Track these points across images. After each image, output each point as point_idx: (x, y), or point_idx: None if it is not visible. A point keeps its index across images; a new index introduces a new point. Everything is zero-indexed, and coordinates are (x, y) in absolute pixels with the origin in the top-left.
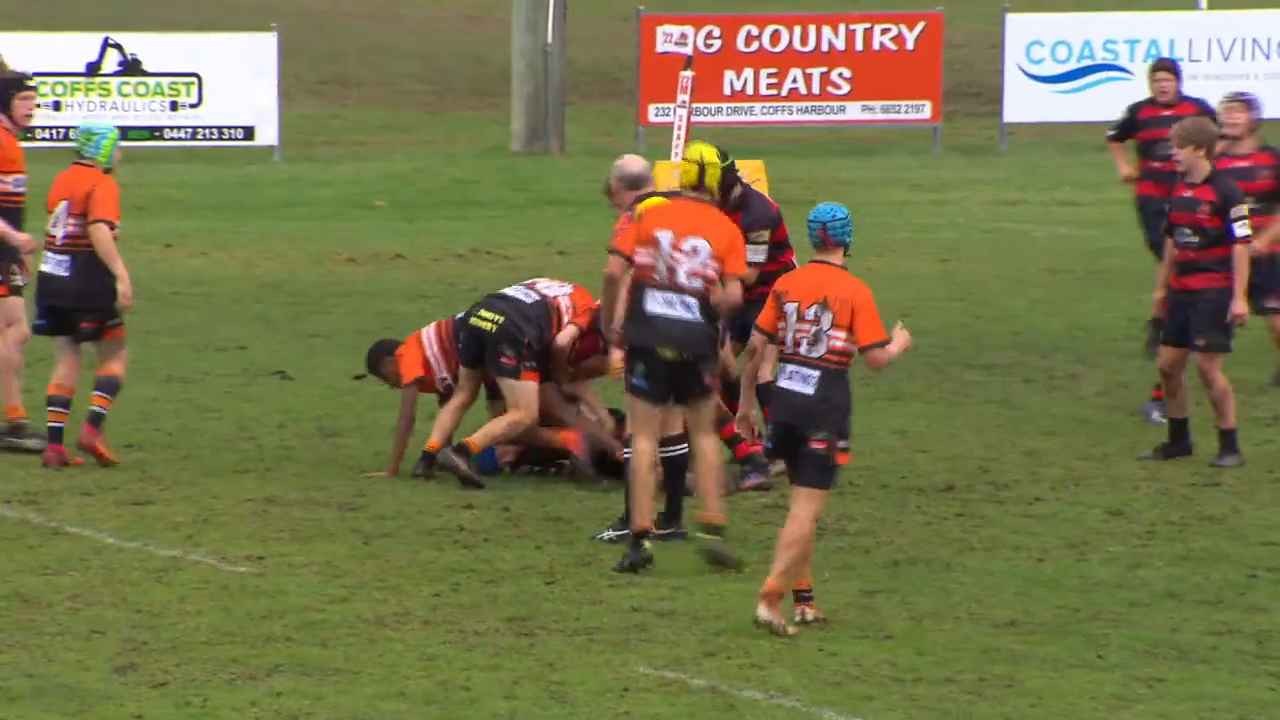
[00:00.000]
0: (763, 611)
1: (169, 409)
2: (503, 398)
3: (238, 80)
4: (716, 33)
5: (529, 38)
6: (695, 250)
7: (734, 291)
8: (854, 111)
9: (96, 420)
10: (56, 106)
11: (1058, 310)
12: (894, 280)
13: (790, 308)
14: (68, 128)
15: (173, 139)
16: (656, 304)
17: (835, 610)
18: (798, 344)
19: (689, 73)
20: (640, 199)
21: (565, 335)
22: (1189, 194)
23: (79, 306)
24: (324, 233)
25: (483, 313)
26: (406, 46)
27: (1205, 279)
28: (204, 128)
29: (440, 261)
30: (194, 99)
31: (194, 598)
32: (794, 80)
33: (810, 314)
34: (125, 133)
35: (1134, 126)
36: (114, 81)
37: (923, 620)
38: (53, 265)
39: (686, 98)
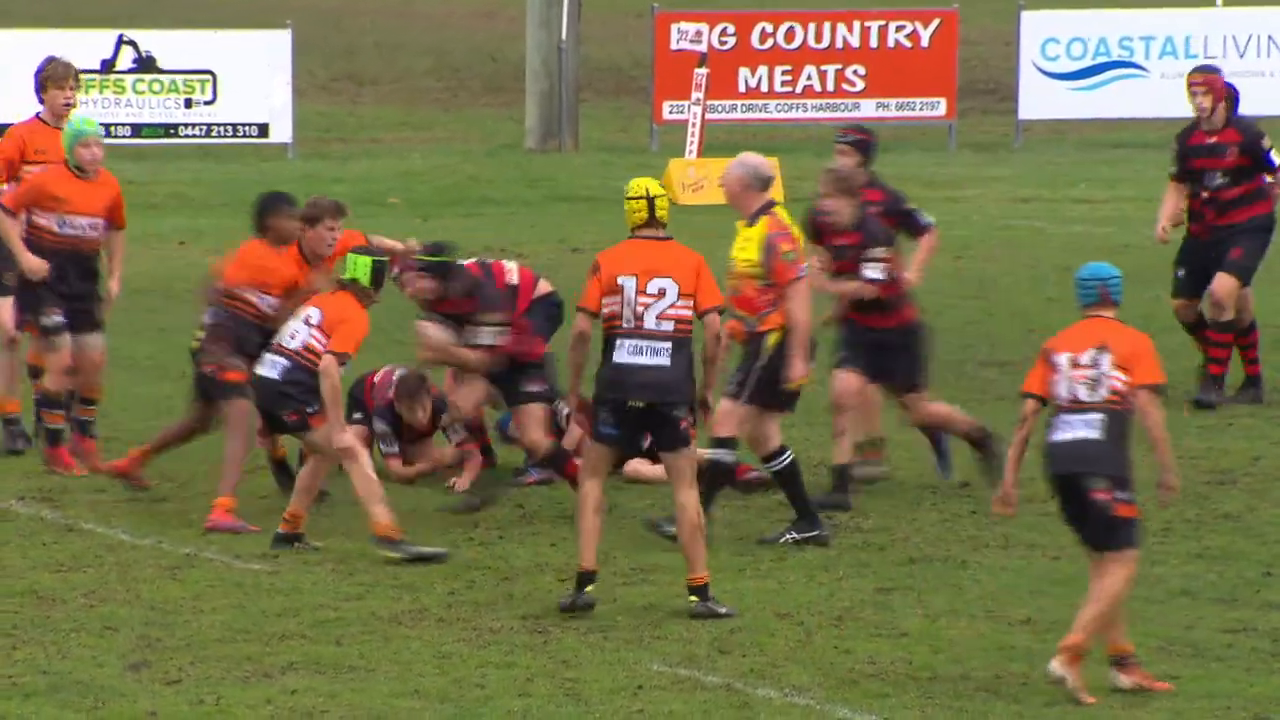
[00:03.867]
0: (1056, 667)
1: (182, 406)
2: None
3: (252, 77)
4: (731, 30)
5: (543, 34)
6: (663, 292)
7: (714, 325)
8: (868, 109)
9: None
10: (68, 105)
11: (1072, 308)
12: None
13: (1062, 359)
14: None
15: (187, 136)
16: (625, 353)
17: (850, 608)
18: (1074, 393)
19: (703, 70)
20: (768, 205)
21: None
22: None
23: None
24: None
25: None
26: (420, 43)
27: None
28: (218, 125)
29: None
30: (208, 96)
31: (208, 595)
32: (808, 77)
33: (1086, 359)
34: (139, 130)
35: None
36: (128, 79)
37: (938, 618)
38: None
39: (701, 95)
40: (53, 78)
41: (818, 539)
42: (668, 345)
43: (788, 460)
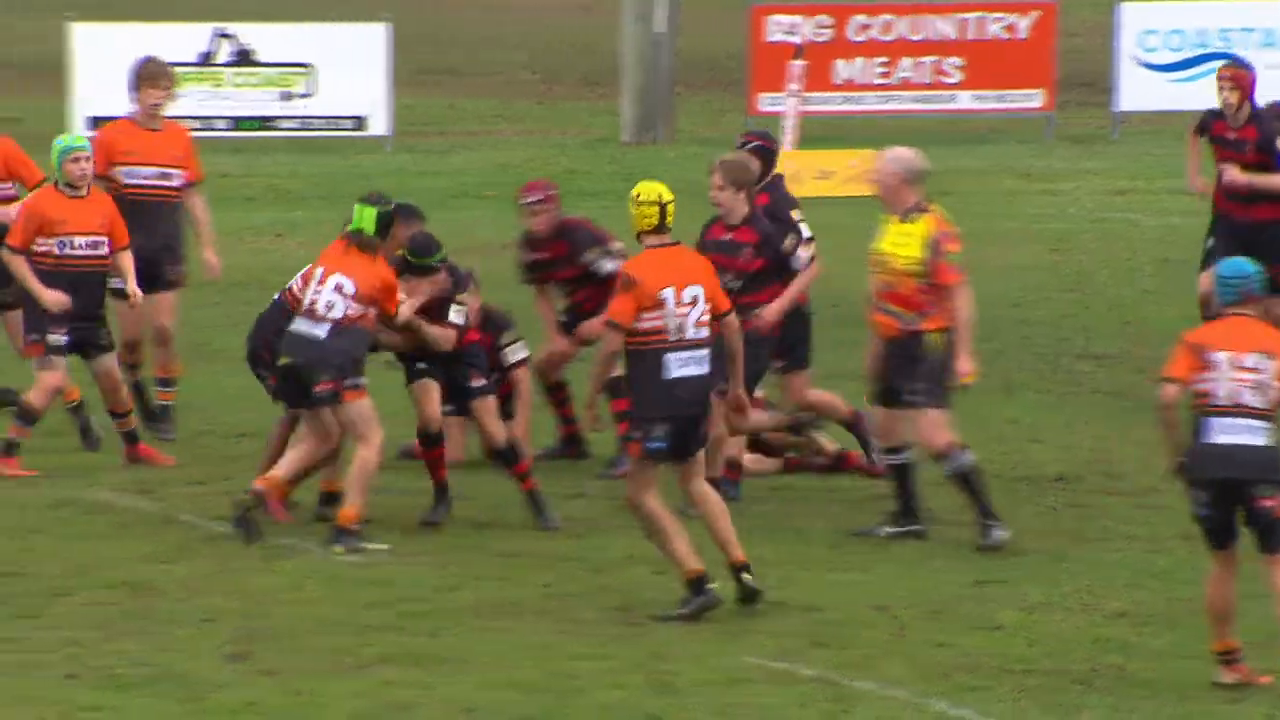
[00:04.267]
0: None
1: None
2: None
3: (349, 70)
4: (827, 21)
5: (640, 27)
6: (695, 299)
7: (735, 324)
8: (965, 100)
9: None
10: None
11: (1169, 300)
12: (1004, 271)
13: (1220, 357)
14: (180, 117)
15: (284, 129)
16: (676, 367)
17: (947, 601)
18: (1238, 396)
19: (799, 62)
20: (922, 201)
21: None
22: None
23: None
24: (434, 223)
25: None
26: (517, 36)
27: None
28: (315, 118)
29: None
30: (305, 89)
31: (304, 587)
32: (905, 69)
33: (1250, 362)
34: (236, 123)
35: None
36: (226, 72)
37: (1034, 611)
38: None
39: (797, 87)
40: (147, 77)
41: (915, 533)
42: (706, 353)
43: (906, 457)
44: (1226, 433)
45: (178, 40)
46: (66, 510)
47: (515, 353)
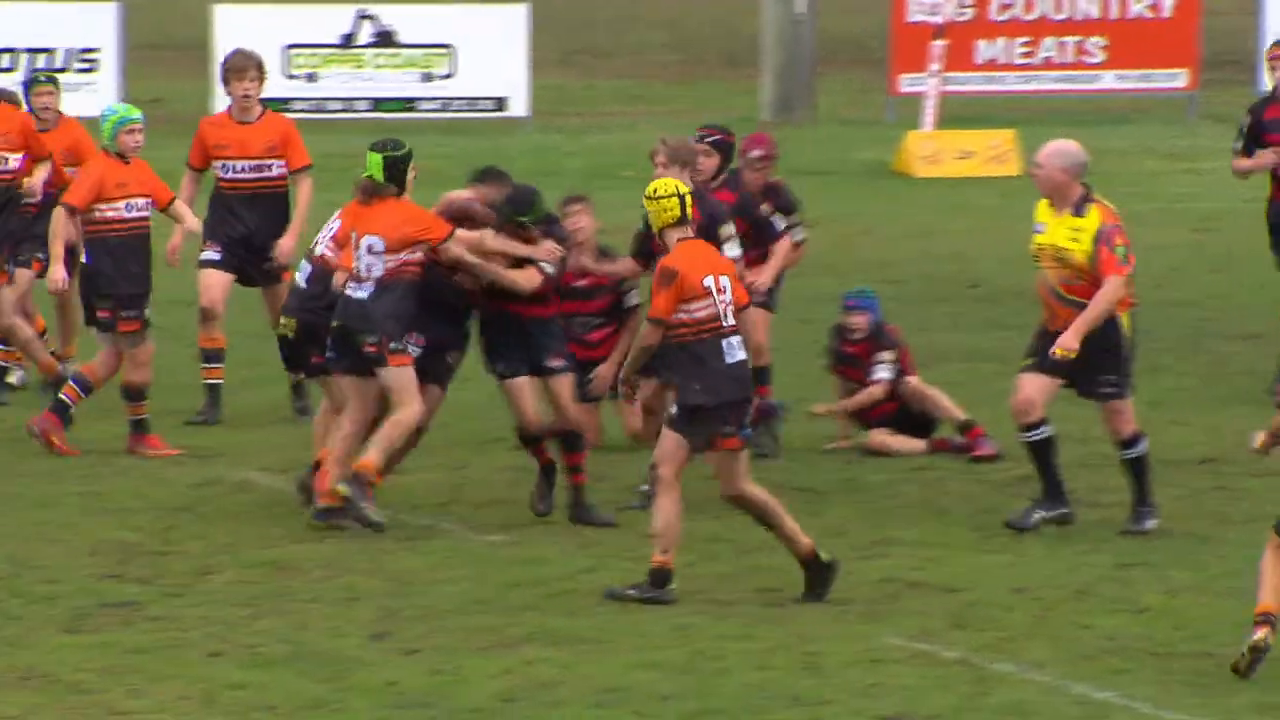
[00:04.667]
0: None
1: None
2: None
3: (489, 51)
4: (969, 1)
5: (780, 7)
6: (724, 288)
7: (755, 320)
8: (1108, 80)
9: (58, 409)
10: (312, 78)
11: None
12: (1147, 251)
13: None
14: (323, 99)
15: (425, 111)
16: (733, 351)
17: (1090, 583)
18: None
19: (941, 42)
20: (1089, 192)
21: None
22: None
23: (91, 292)
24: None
25: None
26: (656, 16)
27: None
28: (456, 99)
29: None
30: (446, 70)
31: (446, 566)
32: (1048, 49)
33: None
34: (378, 104)
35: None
36: (367, 53)
37: (1179, 594)
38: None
39: (938, 67)
40: (234, 69)
41: (1063, 518)
42: (742, 339)
43: (1044, 434)
44: None
45: (320, 22)
46: (211, 490)
47: (633, 298)
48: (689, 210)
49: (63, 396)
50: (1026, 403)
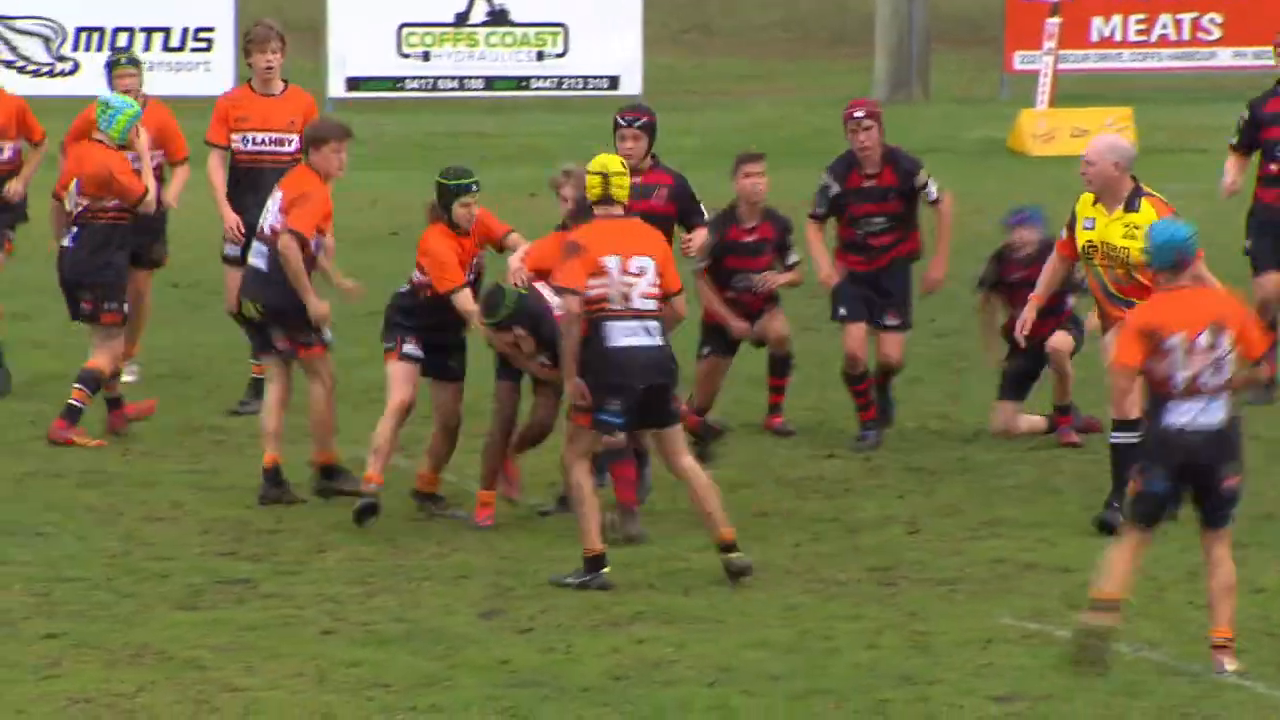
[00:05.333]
0: (1227, 663)
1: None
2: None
3: (602, 30)
4: None
5: None
6: (643, 270)
7: (680, 308)
8: (1224, 58)
9: (70, 414)
10: (425, 57)
11: None
12: None
13: (1175, 341)
14: (436, 78)
15: (538, 89)
16: (620, 336)
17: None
18: (1196, 378)
19: (1056, 19)
20: (1139, 187)
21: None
22: None
23: (77, 282)
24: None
25: None
26: None
27: None
28: (569, 77)
29: (799, 211)
30: (559, 49)
31: (557, 545)
32: (1163, 26)
33: (1203, 341)
34: (491, 83)
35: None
36: (481, 32)
37: None
38: (68, 239)
39: (1053, 45)
40: (255, 41)
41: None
42: (657, 325)
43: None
44: (1187, 416)
45: (434, 1)
46: None
47: (795, 254)
48: (612, 189)
49: (73, 402)
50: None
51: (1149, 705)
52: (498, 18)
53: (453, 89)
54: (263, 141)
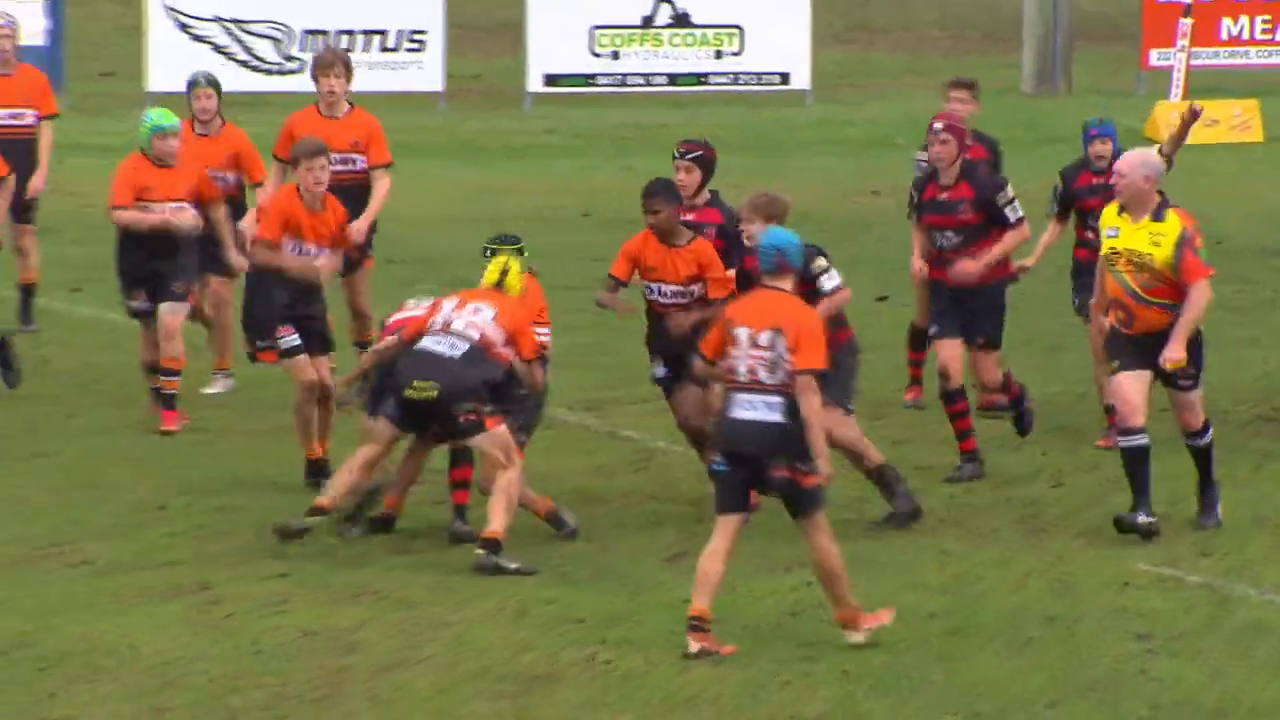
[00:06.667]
0: (855, 637)
1: None
2: None
3: (775, 30)
4: None
5: None
6: (478, 310)
7: (535, 375)
8: None
9: (166, 401)
10: (615, 56)
11: None
12: None
13: (741, 334)
14: (625, 74)
15: (716, 85)
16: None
17: None
18: (753, 371)
19: (1188, 20)
20: (1165, 199)
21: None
22: None
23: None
24: (851, 168)
25: None
26: None
27: None
28: (744, 74)
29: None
30: (736, 48)
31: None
32: None
33: (764, 339)
34: (674, 79)
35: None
36: (665, 33)
37: None
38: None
39: (1185, 43)
40: (320, 66)
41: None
42: (467, 346)
43: (1145, 441)
44: (744, 409)
45: (623, 5)
46: None
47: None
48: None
49: (164, 390)
50: (1131, 411)
51: (1274, 642)
52: (680, 20)
53: (639, 85)
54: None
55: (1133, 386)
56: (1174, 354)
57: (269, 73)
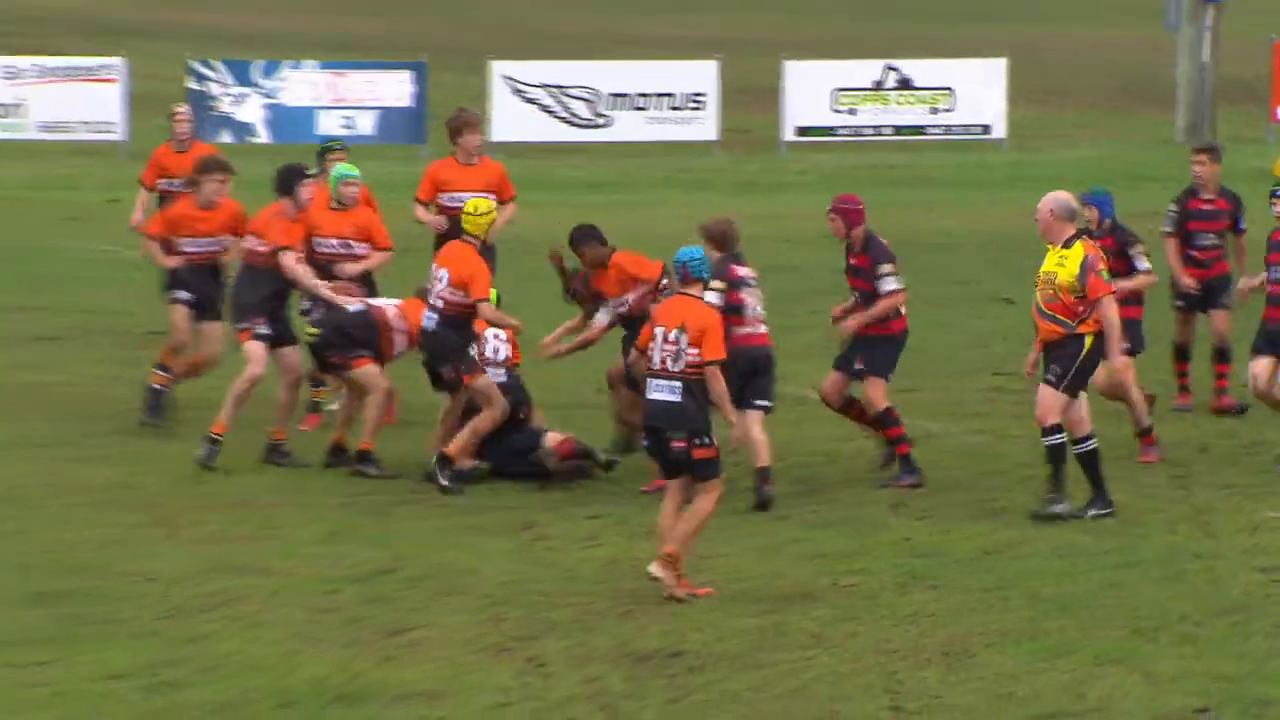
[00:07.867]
0: (654, 569)
1: (924, 325)
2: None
3: (979, 91)
4: None
5: (1191, 58)
6: (441, 278)
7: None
8: None
9: (312, 408)
10: (852, 112)
11: None
12: None
13: (659, 331)
14: (859, 126)
15: (932, 135)
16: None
17: None
18: (664, 361)
19: None
20: (1078, 232)
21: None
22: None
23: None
24: (1035, 200)
25: None
26: (1102, 65)
27: None
28: (954, 126)
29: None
30: (948, 105)
31: (943, 465)
32: None
33: (672, 336)
34: (899, 130)
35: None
36: (891, 94)
37: None
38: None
39: None
40: (467, 124)
41: (1108, 514)
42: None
43: (1092, 445)
44: (655, 391)
45: (858, 72)
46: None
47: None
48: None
49: (314, 400)
50: (1074, 420)
51: None
52: (904, 84)
53: (871, 135)
54: (464, 200)
55: (1044, 391)
56: (1115, 362)
57: (583, 127)
